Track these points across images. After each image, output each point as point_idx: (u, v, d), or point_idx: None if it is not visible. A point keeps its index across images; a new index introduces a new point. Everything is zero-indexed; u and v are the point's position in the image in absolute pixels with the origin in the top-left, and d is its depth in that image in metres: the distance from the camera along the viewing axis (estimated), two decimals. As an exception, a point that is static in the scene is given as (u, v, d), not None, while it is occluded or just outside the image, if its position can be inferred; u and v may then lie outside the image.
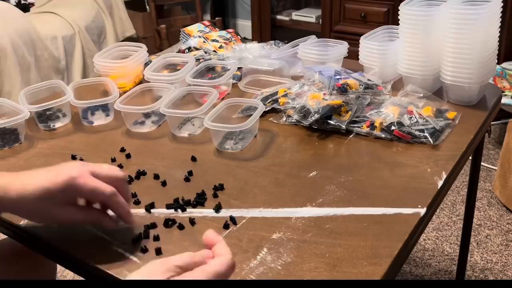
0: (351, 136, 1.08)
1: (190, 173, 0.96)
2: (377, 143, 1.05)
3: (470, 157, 1.30)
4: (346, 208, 0.84)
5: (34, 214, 0.76)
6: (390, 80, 1.24)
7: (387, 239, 0.76)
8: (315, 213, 0.83)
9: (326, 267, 0.72)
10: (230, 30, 1.65)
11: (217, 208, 0.85)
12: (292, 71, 1.37)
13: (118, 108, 1.12)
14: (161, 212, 0.86)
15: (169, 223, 0.82)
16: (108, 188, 0.75)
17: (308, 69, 1.25)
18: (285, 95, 1.18)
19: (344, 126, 1.07)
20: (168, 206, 0.86)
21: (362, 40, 1.31)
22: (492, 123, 1.43)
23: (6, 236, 0.91)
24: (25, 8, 3.25)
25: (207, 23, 1.72)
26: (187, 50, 1.53)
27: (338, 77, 1.16)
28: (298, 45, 1.39)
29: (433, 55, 1.19)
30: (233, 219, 0.82)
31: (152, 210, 0.86)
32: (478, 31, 1.11)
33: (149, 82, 1.25)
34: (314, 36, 1.44)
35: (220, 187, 0.91)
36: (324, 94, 1.13)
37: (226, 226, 0.81)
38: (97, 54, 1.34)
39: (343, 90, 1.12)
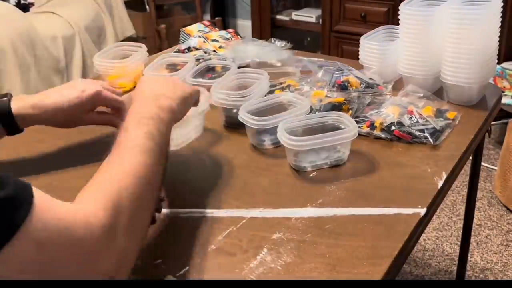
0: (351, 136, 1.08)
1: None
2: (377, 143, 1.05)
3: (470, 157, 1.30)
4: (346, 209, 0.84)
5: (66, 121, 0.94)
6: (390, 80, 1.24)
7: (387, 239, 0.76)
8: (315, 214, 0.83)
9: (326, 267, 0.72)
10: (230, 30, 1.65)
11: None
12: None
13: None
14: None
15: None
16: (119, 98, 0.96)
17: (309, 64, 1.25)
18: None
19: (344, 126, 1.07)
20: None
21: (362, 40, 1.31)
22: (492, 123, 1.43)
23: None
24: (24, 8, 3.24)
25: (207, 23, 1.71)
26: (186, 50, 1.53)
27: (339, 74, 1.16)
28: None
29: (433, 55, 1.19)
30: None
31: (152, 210, 0.86)
32: (478, 31, 1.11)
33: (149, 82, 1.25)
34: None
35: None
36: (327, 91, 1.13)
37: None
38: (97, 54, 1.34)
39: (343, 87, 1.12)
